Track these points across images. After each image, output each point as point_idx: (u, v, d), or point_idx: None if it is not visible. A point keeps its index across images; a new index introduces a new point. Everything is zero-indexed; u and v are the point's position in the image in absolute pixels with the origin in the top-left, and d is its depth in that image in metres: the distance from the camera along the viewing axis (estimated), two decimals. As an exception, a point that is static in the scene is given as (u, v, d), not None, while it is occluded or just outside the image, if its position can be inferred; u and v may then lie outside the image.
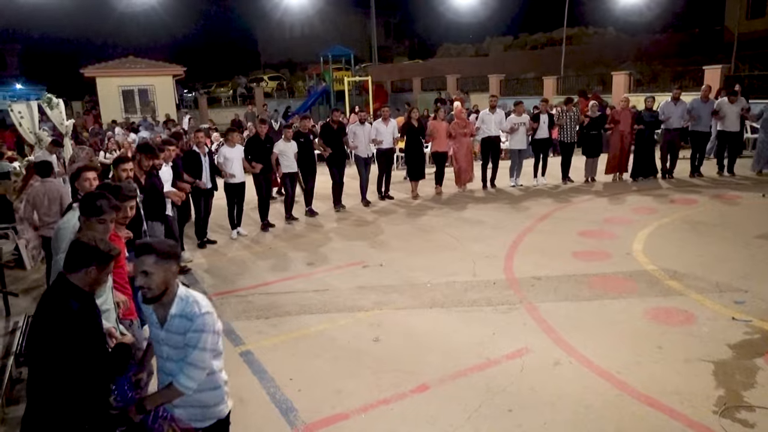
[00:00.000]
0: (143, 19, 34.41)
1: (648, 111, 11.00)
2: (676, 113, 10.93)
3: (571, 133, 11.13)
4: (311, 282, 6.66)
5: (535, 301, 5.72)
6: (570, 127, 11.08)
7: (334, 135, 9.86)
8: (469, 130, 10.78)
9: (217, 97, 34.67)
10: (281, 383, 4.41)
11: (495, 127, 10.91)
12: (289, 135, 9.24)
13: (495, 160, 11.13)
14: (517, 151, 11.11)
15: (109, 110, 24.45)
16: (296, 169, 9.32)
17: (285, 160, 9.18)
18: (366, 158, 10.30)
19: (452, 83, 25.86)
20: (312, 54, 30.99)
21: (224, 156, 8.37)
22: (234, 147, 8.45)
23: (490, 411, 3.90)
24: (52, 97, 11.87)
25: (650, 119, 10.93)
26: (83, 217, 3.36)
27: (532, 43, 36.78)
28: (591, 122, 10.93)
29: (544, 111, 11.14)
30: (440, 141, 10.72)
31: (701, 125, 11.04)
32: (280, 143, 9.21)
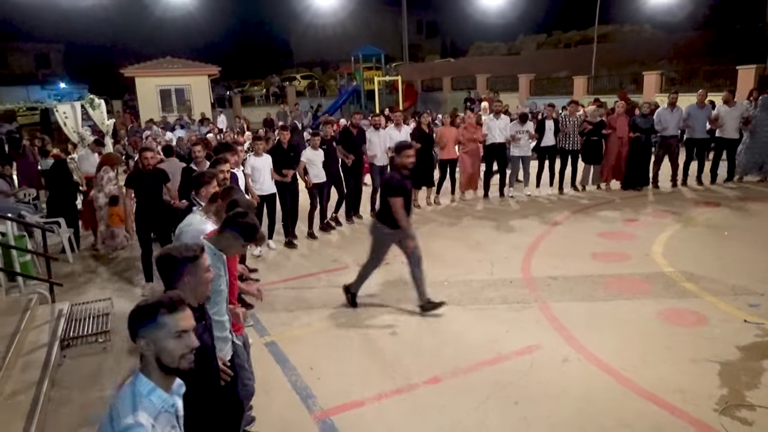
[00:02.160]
0: (180, 20, 35.31)
1: (643, 117, 10.61)
2: (672, 120, 10.53)
3: (574, 140, 10.64)
4: (334, 278, 6.93)
5: (550, 300, 5.88)
6: (572, 133, 10.59)
7: (354, 141, 9.36)
8: (478, 137, 10.47)
9: (250, 96, 35.36)
10: (302, 372, 4.69)
11: (499, 133, 10.45)
12: (317, 143, 8.56)
13: (501, 167, 10.77)
14: (518, 158, 10.54)
15: (147, 109, 25.27)
16: (324, 179, 8.67)
17: (313, 169, 8.52)
18: (382, 167, 9.50)
19: (482, 83, 25.89)
20: (344, 53, 31.36)
21: (252, 166, 7.77)
22: (261, 156, 7.84)
23: (498, 403, 4.10)
24: (94, 98, 12.49)
25: (645, 125, 10.52)
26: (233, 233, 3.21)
27: (566, 41, 36.43)
28: (592, 128, 10.58)
29: (550, 117, 10.79)
30: (449, 148, 10.35)
31: (697, 132, 10.65)
32: (307, 151, 8.59)
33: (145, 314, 1.94)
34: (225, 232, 3.18)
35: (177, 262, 2.52)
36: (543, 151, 10.82)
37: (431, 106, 25.37)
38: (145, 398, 1.86)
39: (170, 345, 1.92)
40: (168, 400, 1.93)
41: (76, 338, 5.42)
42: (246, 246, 3.35)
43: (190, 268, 2.53)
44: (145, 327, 1.92)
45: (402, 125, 10.05)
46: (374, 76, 26.03)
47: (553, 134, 10.62)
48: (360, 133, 9.48)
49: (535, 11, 39.99)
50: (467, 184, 10.77)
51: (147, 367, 1.94)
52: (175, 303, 1.97)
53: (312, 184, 8.54)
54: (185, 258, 2.52)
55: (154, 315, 1.92)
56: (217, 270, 2.99)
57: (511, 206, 10.26)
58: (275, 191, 8.02)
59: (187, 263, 2.52)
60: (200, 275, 2.55)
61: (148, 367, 1.94)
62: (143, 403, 1.85)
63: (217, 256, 3.11)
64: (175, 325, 1.94)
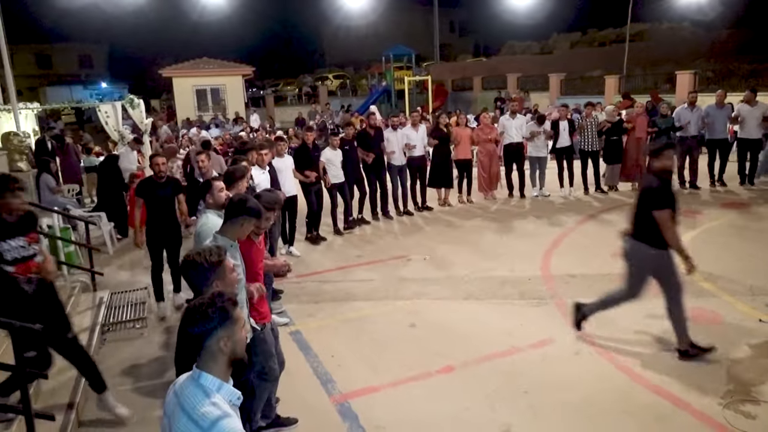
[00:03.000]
0: (216, 23, 36.19)
1: (663, 117, 10.53)
2: (692, 119, 10.41)
3: (592, 140, 10.61)
4: (358, 272, 7.20)
5: (567, 296, 6.00)
6: (591, 133, 10.58)
7: (372, 141, 9.48)
8: (493, 137, 10.58)
9: (283, 96, 35.98)
10: (323, 359, 4.96)
11: (516, 132, 10.59)
12: (336, 143, 8.73)
13: (519, 167, 10.86)
14: (535, 158, 10.63)
15: (183, 108, 26.03)
16: (343, 179, 8.80)
17: (333, 169, 8.65)
18: (400, 166, 9.80)
19: (512, 82, 25.82)
20: (376, 52, 31.64)
21: (275, 167, 7.62)
22: (283, 158, 7.85)
23: (508, 391, 4.29)
24: (133, 98, 13.03)
25: (664, 125, 10.41)
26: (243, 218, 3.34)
27: (601, 40, 35.92)
28: (611, 127, 10.55)
29: (564, 117, 10.79)
30: (464, 148, 10.44)
31: (717, 132, 10.50)
32: (327, 151, 8.67)
33: (221, 314, 1.94)
34: (235, 221, 3.27)
35: (204, 269, 2.61)
36: (560, 152, 10.83)
37: (461, 106, 25.42)
38: (218, 394, 1.90)
39: (241, 336, 1.99)
40: (234, 393, 1.98)
41: (115, 324, 5.82)
42: (262, 223, 3.51)
43: (218, 272, 2.63)
44: (224, 325, 1.93)
45: (419, 125, 10.16)
46: (404, 76, 26.22)
47: (568, 134, 10.65)
48: (377, 134, 9.64)
49: (570, 9, 39.65)
50: (487, 184, 10.90)
51: (210, 363, 1.94)
52: (234, 299, 2.03)
53: (331, 184, 8.64)
54: (212, 263, 2.61)
55: (227, 312, 1.95)
56: (234, 260, 3.13)
57: (533, 206, 10.34)
58: (295, 193, 8.02)
59: (214, 268, 2.62)
60: (227, 277, 2.68)
61: (213, 363, 1.94)
62: (219, 397, 1.89)
63: (234, 247, 3.28)
64: (241, 317, 2.02)
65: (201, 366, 1.94)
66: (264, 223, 3.65)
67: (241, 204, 3.29)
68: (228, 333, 1.94)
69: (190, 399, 1.88)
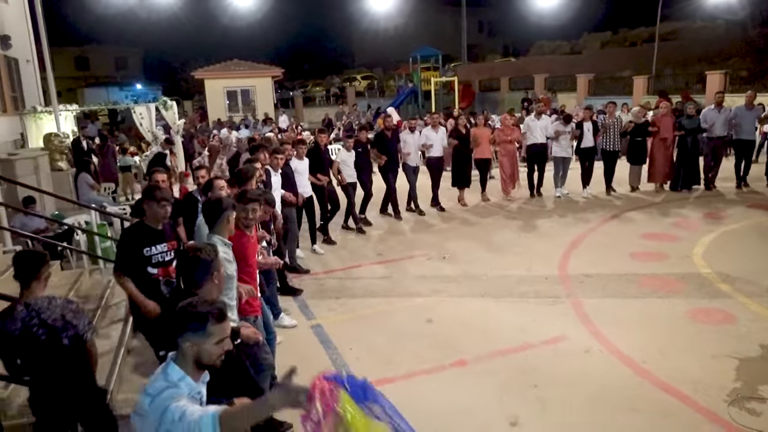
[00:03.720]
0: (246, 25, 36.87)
1: (688, 117, 10.52)
2: (719, 120, 10.39)
3: (614, 141, 10.76)
4: (378, 270, 7.41)
5: (582, 296, 6.12)
6: (613, 134, 10.70)
7: (389, 143, 9.76)
8: (514, 138, 10.79)
9: (312, 97, 36.45)
10: (342, 351, 5.19)
11: (540, 133, 10.79)
12: (351, 145, 9.12)
13: (540, 167, 11.02)
14: (560, 158, 10.82)
15: (215, 109, 26.66)
16: (356, 179, 9.21)
17: (346, 169, 9.04)
18: (415, 167, 10.11)
19: (540, 82, 25.72)
20: (405, 53, 31.83)
21: (294, 168, 7.74)
22: (303, 160, 7.94)
23: (517, 385, 4.44)
24: (167, 100, 13.53)
25: (690, 126, 10.42)
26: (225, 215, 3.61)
27: (632, 39, 35.43)
28: (635, 128, 10.63)
29: (588, 118, 10.88)
30: (483, 148, 10.69)
31: (744, 133, 10.47)
32: (342, 153, 9.18)
33: (196, 321, 2.09)
34: (220, 220, 3.55)
35: (207, 264, 2.81)
36: (582, 153, 10.94)
37: (488, 106, 25.45)
38: (175, 386, 2.07)
39: (212, 350, 2.11)
40: (195, 388, 2.12)
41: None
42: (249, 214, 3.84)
43: (216, 265, 2.84)
44: (194, 333, 2.09)
45: (438, 126, 10.45)
46: (431, 77, 26.35)
47: (592, 135, 10.73)
48: (394, 135, 9.90)
49: (601, 8, 39.19)
50: (507, 184, 11.07)
51: (182, 359, 2.12)
52: (223, 313, 2.15)
53: (345, 183, 9.04)
54: (213, 259, 2.84)
55: (204, 324, 2.08)
56: (226, 256, 3.41)
57: (554, 206, 10.43)
58: (312, 194, 8.12)
59: (214, 263, 2.84)
60: (221, 271, 2.92)
61: (184, 360, 2.12)
62: (176, 389, 2.06)
63: (227, 245, 3.54)
64: (221, 333, 2.12)
65: (173, 358, 2.14)
66: (251, 214, 4.01)
67: (217, 204, 3.60)
68: (198, 340, 2.09)
69: (153, 382, 2.10)
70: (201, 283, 2.79)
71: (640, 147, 10.79)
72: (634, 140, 10.74)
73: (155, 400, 2.02)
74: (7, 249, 6.93)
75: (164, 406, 1.98)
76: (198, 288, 2.77)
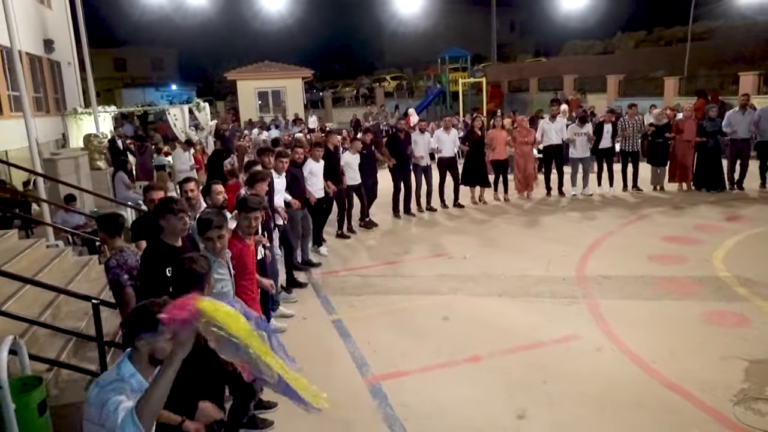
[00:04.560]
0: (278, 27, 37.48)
1: (710, 120, 10.54)
2: (743, 123, 10.37)
3: (633, 142, 10.94)
4: (399, 268, 7.62)
5: (597, 297, 6.22)
6: (633, 135, 10.91)
7: (401, 144, 10.06)
8: (530, 139, 11.01)
9: (341, 97, 36.83)
10: (360, 345, 5.42)
11: (555, 135, 11.04)
12: (358, 147, 9.23)
13: (559, 167, 11.23)
14: (578, 159, 11.06)
15: (246, 110, 27.22)
16: (359, 181, 9.30)
17: (349, 172, 9.14)
18: (425, 166, 10.38)
19: (569, 83, 25.54)
20: (435, 53, 31.91)
21: (310, 170, 8.01)
22: (319, 162, 8.13)
23: (527, 381, 4.60)
24: (199, 102, 14.01)
25: (712, 129, 10.46)
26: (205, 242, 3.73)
27: (668, 38, 34.73)
28: (656, 130, 10.77)
29: (608, 121, 11.07)
30: (500, 150, 10.96)
31: None
32: (347, 155, 9.24)
33: (147, 323, 2.25)
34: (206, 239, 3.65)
35: (200, 277, 2.95)
36: (601, 154, 11.13)
37: (517, 107, 25.35)
38: (126, 381, 2.24)
39: (165, 346, 2.25)
40: (143, 383, 2.27)
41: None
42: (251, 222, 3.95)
43: (207, 278, 2.99)
44: (147, 332, 2.26)
45: (451, 128, 10.85)
46: (459, 78, 26.41)
47: (611, 137, 10.90)
48: (406, 137, 10.20)
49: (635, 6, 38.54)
50: (523, 185, 11.25)
51: (137, 355, 2.30)
52: None
53: (346, 186, 9.07)
54: (206, 272, 2.98)
55: (155, 324, 2.19)
56: (219, 276, 3.52)
57: (575, 207, 10.50)
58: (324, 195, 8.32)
59: (207, 276, 2.98)
60: (211, 284, 3.06)
61: (138, 356, 2.30)
62: (123, 384, 2.24)
63: (217, 263, 3.60)
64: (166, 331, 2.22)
65: (130, 353, 2.34)
66: (254, 222, 4.20)
67: (207, 222, 3.61)
68: (151, 339, 2.28)
69: (105, 375, 2.32)
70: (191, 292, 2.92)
71: (660, 148, 10.92)
72: (654, 142, 10.88)
73: (101, 390, 2.21)
74: (50, 243, 7.38)
75: (106, 398, 2.15)
76: None
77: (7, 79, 12.82)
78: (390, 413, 4.27)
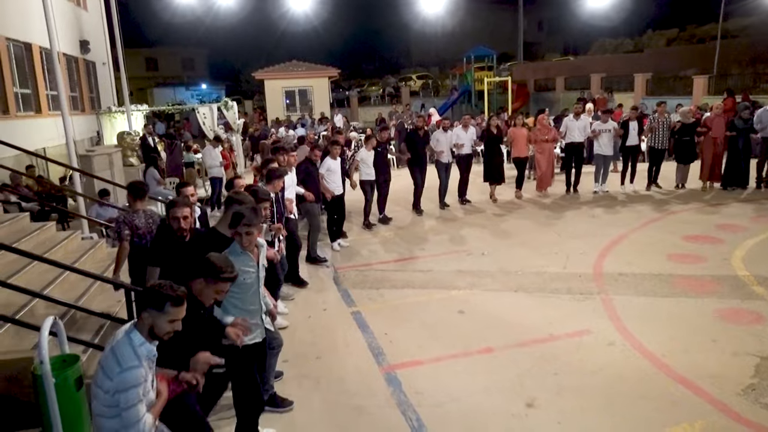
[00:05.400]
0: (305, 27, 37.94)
1: (741, 118, 10.52)
2: None
3: (662, 140, 10.97)
4: (417, 264, 7.79)
5: (613, 293, 6.29)
6: (662, 133, 10.94)
7: (419, 142, 10.31)
8: (551, 137, 11.10)
9: (367, 96, 37.09)
10: (378, 336, 5.61)
11: (579, 133, 11.10)
12: (372, 144, 9.46)
13: (578, 165, 11.34)
14: (602, 156, 11.14)
15: (274, 109, 27.63)
16: (374, 177, 9.48)
17: (364, 168, 9.38)
18: (447, 164, 10.60)
19: (596, 82, 25.30)
20: (462, 52, 31.91)
21: (327, 168, 8.20)
22: (336, 160, 8.32)
23: (538, 372, 4.74)
24: (228, 101, 14.37)
25: (743, 126, 10.43)
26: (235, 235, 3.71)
27: (701, 35, 34.08)
28: (683, 128, 10.77)
29: (633, 118, 11.09)
30: (520, 147, 11.11)
31: None
32: (362, 151, 9.53)
33: (156, 301, 2.62)
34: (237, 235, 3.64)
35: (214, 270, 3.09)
36: (627, 151, 11.16)
37: (543, 106, 25.23)
38: (138, 348, 2.61)
39: (165, 326, 2.65)
40: (152, 351, 2.66)
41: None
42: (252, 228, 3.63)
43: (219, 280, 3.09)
44: (152, 309, 2.64)
45: (469, 126, 11.02)
46: (484, 77, 26.39)
47: (637, 134, 10.95)
48: (425, 135, 10.46)
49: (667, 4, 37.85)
50: (542, 182, 11.36)
51: (140, 325, 2.66)
52: (181, 299, 2.65)
53: (361, 181, 9.43)
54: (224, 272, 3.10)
55: (162, 304, 2.62)
56: (245, 267, 3.57)
57: (596, 204, 10.56)
58: (343, 192, 8.59)
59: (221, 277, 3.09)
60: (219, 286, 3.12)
61: (141, 326, 2.65)
62: (138, 351, 2.60)
63: (245, 255, 3.62)
64: (174, 315, 2.65)
65: (136, 323, 2.69)
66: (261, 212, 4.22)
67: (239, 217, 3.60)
68: (152, 316, 2.63)
69: (120, 345, 2.62)
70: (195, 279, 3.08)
71: (687, 146, 10.93)
72: (681, 140, 10.89)
73: (124, 373, 2.54)
74: (84, 235, 7.76)
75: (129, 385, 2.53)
76: (191, 281, 3.06)
77: (46, 79, 13.35)
78: (403, 399, 4.45)
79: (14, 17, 11.83)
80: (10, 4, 11.71)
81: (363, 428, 4.14)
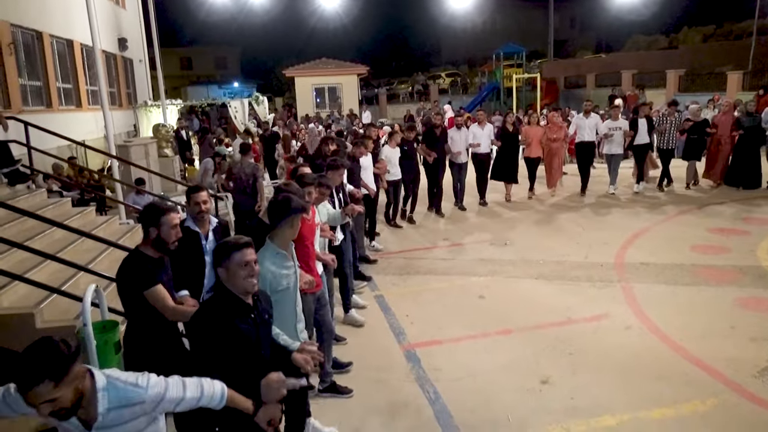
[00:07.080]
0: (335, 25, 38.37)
1: (748, 115, 10.26)
2: None
3: (671, 139, 10.75)
4: (441, 252, 7.95)
5: (633, 281, 6.35)
6: (670, 132, 10.72)
7: (437, 140, 9.85)
8: (560, 136, 10.87)
9: (396, 93, 37.26)
10: (399, 317, 5.80)
11: (589, 131, 10.81)
12: (397, 141, 8.97)
13: (589, 163, 11.11)
14: (611, 155, 10.87)
15: (303, 105, 28.05)
16: (400, 176, 9.03)
17: (390, 167, 8.81)
18: (461, 163, 10.21)
19: (627, 79, 24.96)
20: (492, 49, 31.85)
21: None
22: (367, 156, 7.89)
23: (554, 352, 4.86)
24: (258, 96, 14.76)
25: (750, 124, 10.20)
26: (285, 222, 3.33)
27: (738, 32, 33.29)
28: (693, 126, 10.63)
29: (643, 116, 10.81)
30: (534, 146, 10.85)
31: None
32: (386, 149, 8.91)
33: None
34: (279, 228, 3.30)
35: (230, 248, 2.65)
36: (637, 149, 10.91)
37: (573, 104, 25.03)
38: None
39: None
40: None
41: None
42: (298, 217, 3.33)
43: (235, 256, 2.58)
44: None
45: (485, 123, 10.48)
46: (512, 74, 26.30)
47: (647, 132, 10.72)
48: (443, 133, 10.02)
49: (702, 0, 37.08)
50: (552, 181, 11.23)
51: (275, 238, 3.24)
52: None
53: (387, 181, 8.85)
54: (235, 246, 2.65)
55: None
56: (278, 269, 3.22)
57: (611, 203, 10.47)
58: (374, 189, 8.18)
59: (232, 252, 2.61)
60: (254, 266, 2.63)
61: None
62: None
63: (281, 255, 3.27)
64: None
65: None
66: (307, 197, 4.00)
67: (283, 204, 3.28)
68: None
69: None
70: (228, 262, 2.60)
71: (696, 144, 10.80)
72: (690, 137, 10.78)
73: None
74: (122, 221, 8.13)
75: None
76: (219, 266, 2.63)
77: (86, 74, 13.91)
78: (422, 374, 4.63)
79: (57, 15, 12.37)
80: (54, 2, 12.25)
81: (383, 398, 4.33)
